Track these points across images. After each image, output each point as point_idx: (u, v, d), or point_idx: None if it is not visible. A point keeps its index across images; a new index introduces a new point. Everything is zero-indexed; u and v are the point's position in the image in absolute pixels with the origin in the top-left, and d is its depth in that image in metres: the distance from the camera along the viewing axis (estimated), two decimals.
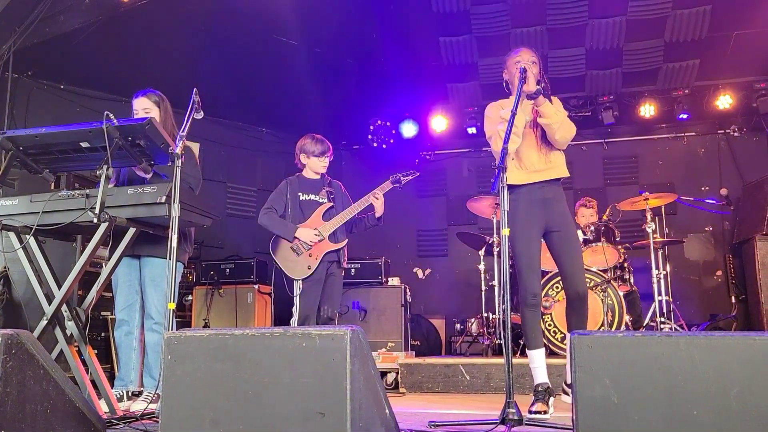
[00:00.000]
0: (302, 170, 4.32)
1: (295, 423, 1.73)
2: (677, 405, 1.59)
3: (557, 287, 5.29)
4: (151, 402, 3.17)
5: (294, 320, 4.01)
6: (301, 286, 4.04)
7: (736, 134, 7.09)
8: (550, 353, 5.08)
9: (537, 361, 3.35)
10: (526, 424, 2.66)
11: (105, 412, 2.88)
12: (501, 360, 4.68)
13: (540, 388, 3.28)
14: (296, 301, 4.04)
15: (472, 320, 6.43)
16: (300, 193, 4.21)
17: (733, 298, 6.79)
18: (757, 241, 6.00)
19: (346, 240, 4.21)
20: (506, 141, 2.93)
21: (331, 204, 4.23)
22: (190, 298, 6.02)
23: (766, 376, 1.55)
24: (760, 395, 1.55)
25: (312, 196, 4.23)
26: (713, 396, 1.58)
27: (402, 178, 4.34)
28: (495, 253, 5.92)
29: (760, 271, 5.95)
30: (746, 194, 6.66)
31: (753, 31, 5.97)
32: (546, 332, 5.25)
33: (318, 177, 4.30)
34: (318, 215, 4.17)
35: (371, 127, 7.44)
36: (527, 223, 3.31)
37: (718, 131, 7.15)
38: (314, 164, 4.25)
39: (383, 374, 5.09)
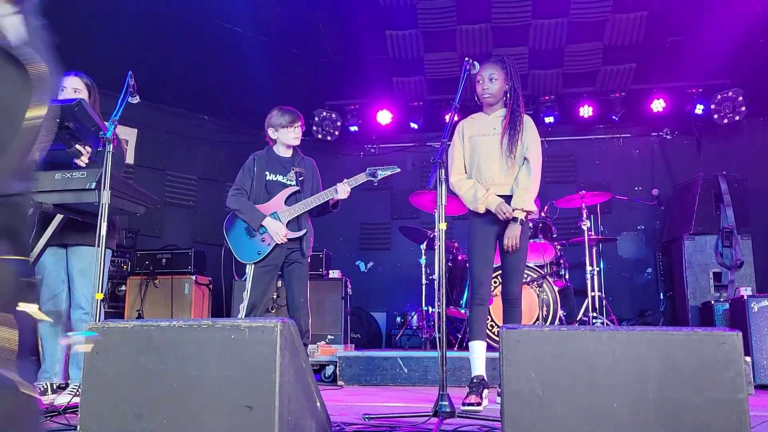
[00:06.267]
0: (273, 145, 4.02)
1: (222, 417, 1.70)
2: (598, 398, 1.63)
3: (495, 281, 5.38)
4: (76, 395, 3.06)
5: (243, 306, 3.85)
6: (252, 271, 3.85)
7: (668, 137, 7.38)
8: (488, 347, 5.17)
9: (477, 352, 3.42)
10: (459, 416, 2.69)
11: None
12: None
13: (475, 380, 3.34)
14: (248, 286, 3.88)
15: (413, 314, 6.48)
16: (267, 172, 3.92)
17: (661, 294, 7.08)
18: (685, 240, 6.26)
19: (306, 230, 3.92)
20: (445, 135, 2.97)
21: (298, 188, 3.94)
22: (123, 288, 5.85)
23: (681, 370, 1.61)
24: (675, 389, 1.61)
25: (279, 177, 3.94)
26: (632, 390, 1.63)
27: (380, 173, 3.95)
28: (436, 247, 5.96)
29: (687, 269, 6.21)
30: (676, 195, 6.94)
31: (686, 38, 6.21)
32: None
33: (289, 155, 4.01)
34: (281, 198, 3.90)
35: (316, 119, 7.38)
36: (484, 233, 3.42)
37: (652, 134, 7.42)
38: (285, 137, 3.93)
39: (322, 367, 5.07)
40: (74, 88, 3.40)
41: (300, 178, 3.96)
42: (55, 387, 3.37)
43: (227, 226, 3.95)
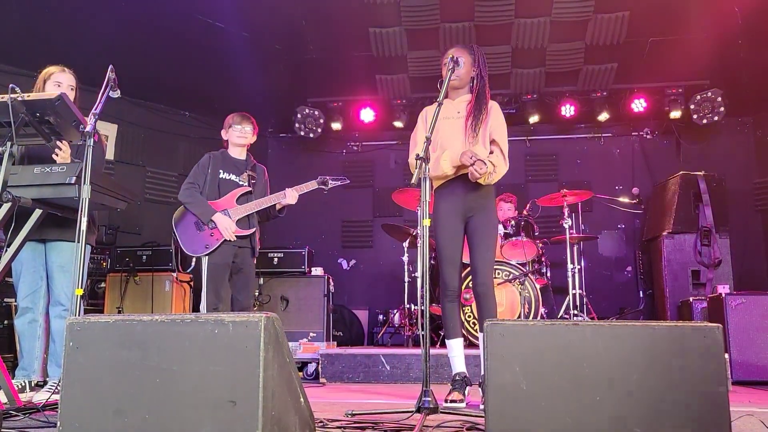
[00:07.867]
0: (227, 147, 4.21)
1: (205, 412, 1.68)
2: (581, 391, 1.65)
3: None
4: (54, 392, 3.02)
5: (203, 306, 3.88)
6: (207, 272, 3.90)
7: (648, 137, 7.47)
8: (469, 344, 5.19)
9: (455, 350, 3.41)
10: (442, 412, 2.70)
11: (4, 403, 2.71)
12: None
13: (457, 378, 3.35)
14: (204, 284, 3.91)
15: (395, 311, 6.48)
16: (221, 171, 4.09)
17: (641, 292, 7.16)
18: (664, 239, 6.34)
19: (255, 228, 4.08)
20: (429, 131, 2.96)
21: (250, 189, 4.12)
22: (103, 285, 5.77)
23: (664, 363, 1.63)
24: (658, 382, 1.63)
25: (233, 177, 4.11)
26: (616, 383, 1.65)
27: (330, 182, 4.24)
28: (419, 244, 5.98)
29: (666, 267, 6.29)
30: (655, 194, 7.02)
31: (666, 39, 6.28)
32: (465, 323, 5.36)
33: (243, 158, 4.19)
34: (233, 197, 4.06)
35: (299, 116, 7.35)
36: (449, 217, 3.37)
37: (632, 133, 7.50)
38: (231, 134, 4.12)
39: (304, 364, 5.06)
40: (70, 85, 3.41)
41: (252, 181, 4.15)
42: (33, 384, 3.32)
43: (176, 218, 4.04)
